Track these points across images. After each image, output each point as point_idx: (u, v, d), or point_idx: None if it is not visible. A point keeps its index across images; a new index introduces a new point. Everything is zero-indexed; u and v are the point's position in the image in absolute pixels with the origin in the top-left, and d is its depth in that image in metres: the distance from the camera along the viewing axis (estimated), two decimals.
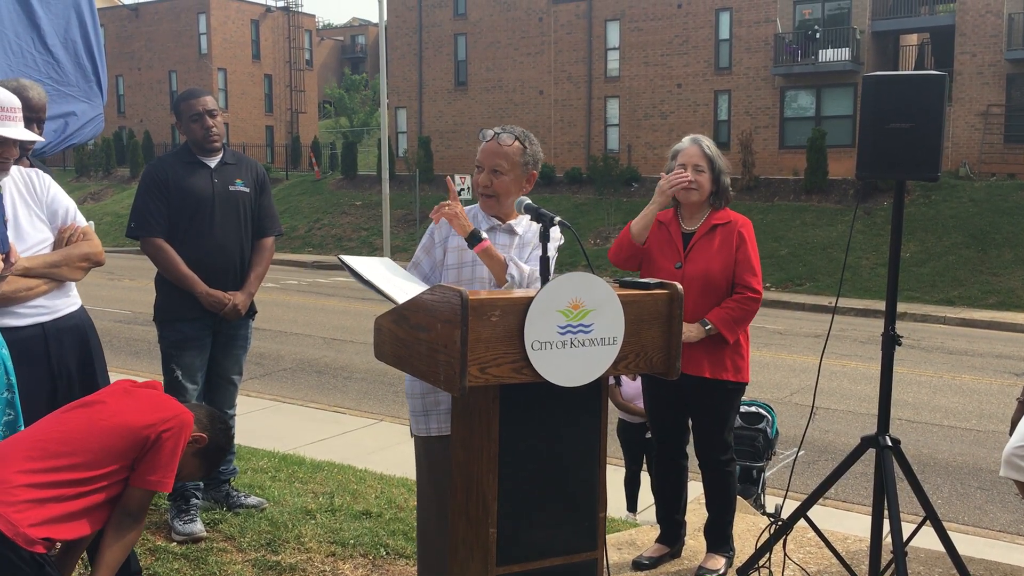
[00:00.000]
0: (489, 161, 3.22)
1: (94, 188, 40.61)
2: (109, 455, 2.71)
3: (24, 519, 2.54)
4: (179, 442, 2.83)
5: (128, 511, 2.80)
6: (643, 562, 4.09)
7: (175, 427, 2.82)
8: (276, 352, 12.13)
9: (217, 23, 44.09)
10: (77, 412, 2.82)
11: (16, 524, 2.52)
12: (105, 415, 2.79)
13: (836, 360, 12.29)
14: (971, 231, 22.13)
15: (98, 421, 2.76)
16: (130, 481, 2.78)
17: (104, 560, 2.78)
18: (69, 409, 2.86)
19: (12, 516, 2.52)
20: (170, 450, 2.79)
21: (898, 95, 3.55)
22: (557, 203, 28.16)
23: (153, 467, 2.77)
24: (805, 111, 29.03)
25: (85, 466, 2.68)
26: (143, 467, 2.77)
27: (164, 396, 2.97)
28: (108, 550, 2.78)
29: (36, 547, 2.56)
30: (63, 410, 2.88)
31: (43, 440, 2.70)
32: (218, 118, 4.46)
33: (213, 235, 4.39)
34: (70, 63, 4.99)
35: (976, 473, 7.76)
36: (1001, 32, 25.78)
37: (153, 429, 2.77)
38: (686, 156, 3.96)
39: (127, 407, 2.83)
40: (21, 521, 2.53)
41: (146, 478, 2.78)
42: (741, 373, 3.95)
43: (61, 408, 2.91)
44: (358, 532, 4.44)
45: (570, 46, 32.83)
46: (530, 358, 2.53)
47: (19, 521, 2.53)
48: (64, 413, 2.84)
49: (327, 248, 29.75)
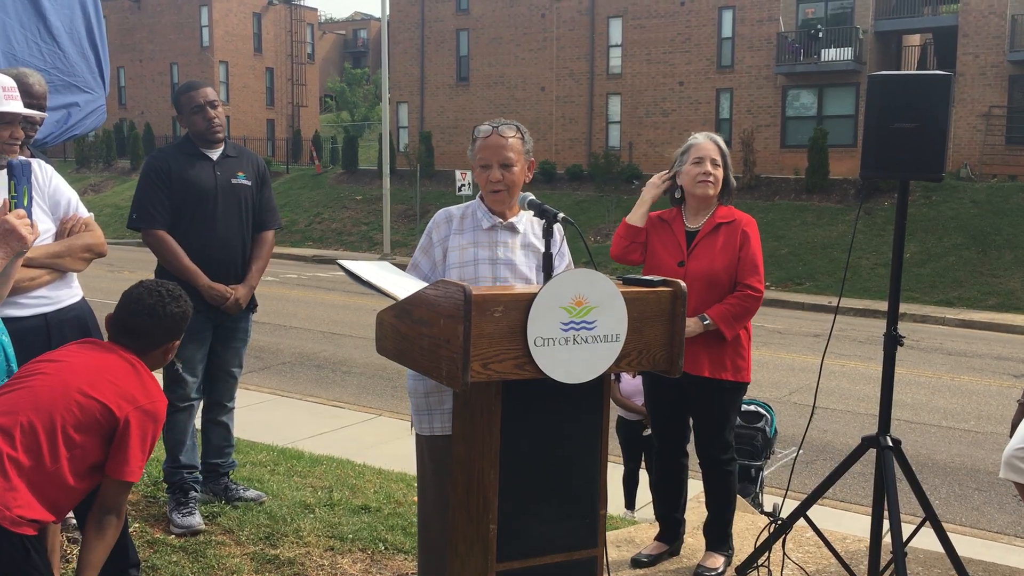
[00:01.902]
0: (497, 156, 3.20)
1: (94, 180, 40.56)
2: (81, 427, 2.60)
3: (10, 500, 2.49)
4: (153, 431, 2.73)
5: (106, 508, 2.73)
6: (642, 560, 4.09)
7: (150, 413, 2.71)
8: (275, 346, 12.12)
9: (219, 16, 44.02)
10: (40, 380, 2.65)
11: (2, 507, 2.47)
12: (72, 383, 2.63)
13: (835, 360, 12.29)
14: (971, 232, 22.12)
15: (65, 394, 2.61)
16: (105, 470, 2.68)
17: (88, 561, 2.72)
18: (31, 375, 2.68)
19: None
20: (141, 438, 2.68)
21: (903, 95, 3.54)
22: (558, 200, 28.13)
23: (126, 457, 2.66)
24: (807, 110, 29.01)
25: (62, 441, 2.57)
26: (116, 457, 2.66)
27: (131, 369, 2.78)
28: (91, 551, 2.72)
29: (24, 528, 2.51)
30: (24, 377, 2.70)
31: (12, 413, 2.57)
32: (219, 109, 4.45)
33: (215, 228, 4.39)
34: (74, 53, 4.98)
35: (974, 474, 7.76)
36: (1004, 33, 25.75)
37: (123, 411, 2.65)
38: (703, 150, 3.96)
39: (95, 376, 2.67)
40: (9, 502, 2.48)
41: (121, 469, 2.67)
42: (742, 373, 3.95)
43: (20, 374, 2.74)
44: (357, 526, 4.44)
45: (572, 42, 32.78)
46: (533, 354, 2.53)
47: (8, 502, 2.48)
48: (28, 380, 2.67)
49: (327, 242, 29.73)
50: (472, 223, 3.29)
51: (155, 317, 2.82)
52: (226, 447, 4.71)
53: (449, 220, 3.33)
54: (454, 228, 3.30)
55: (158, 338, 2.85)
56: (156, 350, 2.88)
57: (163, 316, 2.83)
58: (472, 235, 3.27)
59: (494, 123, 3.25)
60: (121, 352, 2.79)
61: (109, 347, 2.83)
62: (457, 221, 3.31)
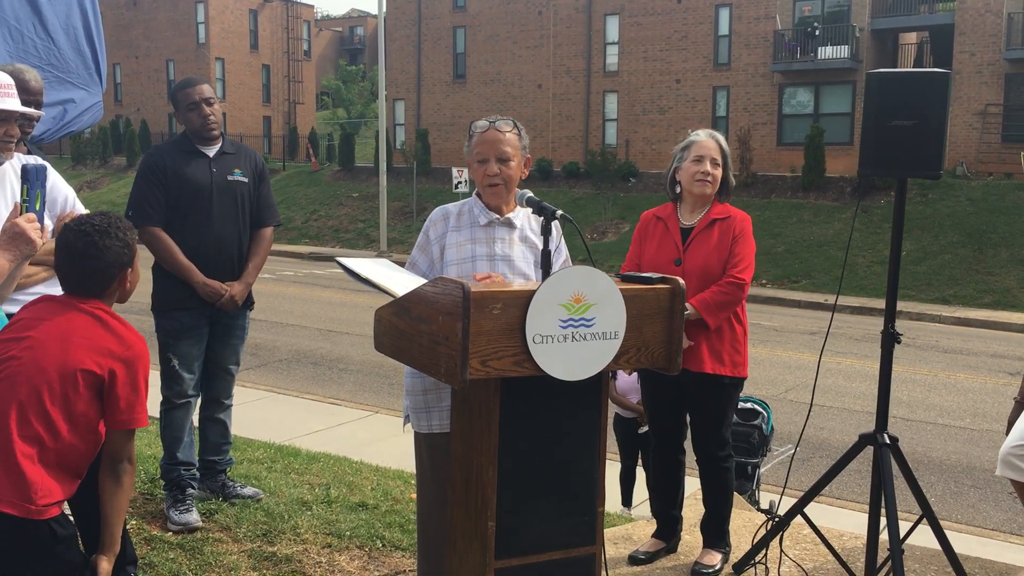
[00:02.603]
0: (494, 150, 3.20)
1: (90, 176, 40.48)
2: (71, 400, 2.57)
3: (31, 494, 2.49)
4: (142, 372, 2.66)
5: (116, 459, 2.69)
6: (639, 557, 4.09)
7: (130, 359, 2.64)
8: (272, 343, 12.11)
9: (215, 12, 43.93)
10: (14, 368, 2.57)
11: (23, 500, 2.48)
12: (45, 362, 2.57)
13: (831, 357, 12.31)
14: (968, 230, 22.15)
15: (44, 374, 2.56)
16: (107, 425, 2.64)
17: (112, 508, 2.69)
18: (3, 363, 2.60)
19: (16, 494, 2.48)
20: (131, 385, 2.63)
21: (901, 93, 3.54)
22: (554, 197, 28.11)
23: (121, 407, 2.62)
24: (803, 108, 29.02)
25: (60, 418, 2.55)
26: (112, 410, 2.63)
27: (95, 322, 2.67)
28: (112, 499, 2.69)
29: (50, 512, 2.52)
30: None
31: (2, 411, 2.55)
32: (215, 106, 4.44)
33: (211, 225, 4.38)
34: (71, 50, 4.96)
35: (970, 472, 7.78)
36: (1000, 31, 25.78)
37: (103, 367, 2.59)
38: (704, 148, 3.95)
39: (64, 344, 2.60)
40: (31, 496, 2.49)
41: (119, 420, 2.63)
42: (739, 368, 3.95)
43: None
44: (354, 524, 4.44)
45: (569, 40, 32.76)
46: (531, 351, 2.53)
47: (30, 496, 2.49)
48: (3, 370, 2.59)
49: (324, 239, 29.70)
50: (469, 220, 3.29)
51: (91, 259, 2.68)
52: (223, 444, 4.70)
53: (446, 217, 3.32)
54: (451, 225, 3.30)
55: (107, 276, 2.71)
56: (111, 287, 2.74)
57: (99, 256, 2.69)
58: (469, 232, 3.26)
59: (491, 119, 3.26)
60: (79, 305, 2.68)
61: (68, 303, 2.71)
62: (454, 218, 3.31)
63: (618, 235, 25.47)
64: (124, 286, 2.78)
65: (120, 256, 2.73)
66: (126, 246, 2.76)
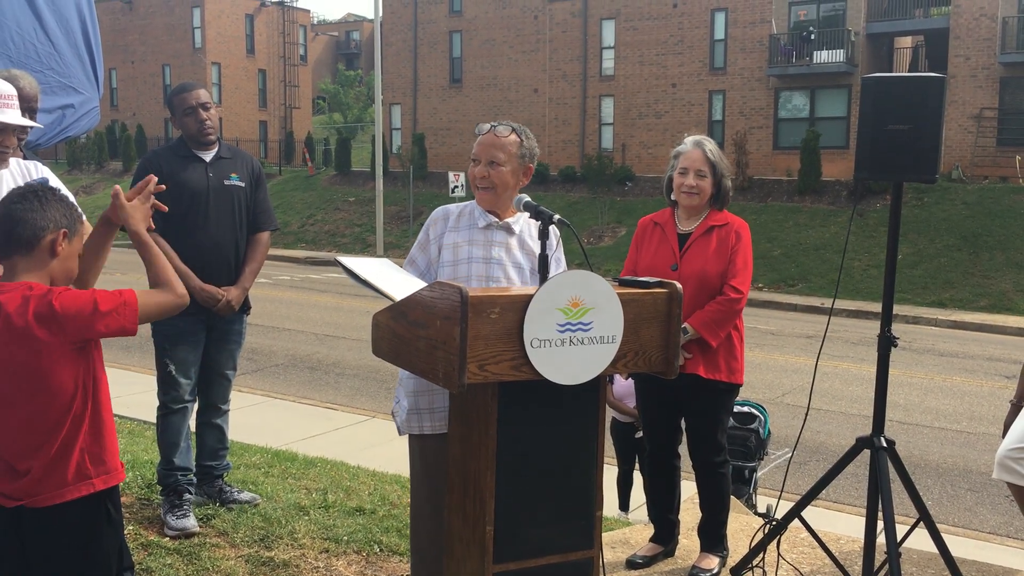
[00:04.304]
0: (486, 153, 3.20)
1: (86, 181, 40.43)
2: (53, 384, 2.46)
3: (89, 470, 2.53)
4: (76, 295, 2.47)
5: None
6: (637, 561, 4.09)
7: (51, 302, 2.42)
8: (268, 348, 12.10)
9: (211, 17, 43.94)
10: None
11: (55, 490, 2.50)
12: (8, 370, 2.45)
13: (827, 361, 12.32)
14: (963, 234, 22.20)
15: (14, 385, 2.45)
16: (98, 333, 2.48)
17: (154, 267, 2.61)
18: None
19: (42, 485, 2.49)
20: (84, 314, 2.43)
21: (897, 97, 3.55)
22: (551, 201, 28.14)
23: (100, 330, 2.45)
24: (799, 112, 29.09)
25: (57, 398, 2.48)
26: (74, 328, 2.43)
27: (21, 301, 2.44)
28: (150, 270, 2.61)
29: (117, 477, 2.59)
30: None
31: None
32: (212, 111, 4.44)
33: (207, 229, 4.37)
34: (71, 54, 4.96)
35: (966, 475, 7.79)
36: (995, 35, 25.86)
37: (54, 334, 2.42)
38: (688, 160, 3.95)
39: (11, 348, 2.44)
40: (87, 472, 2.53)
41: (105, 331, 2.46)
42: (735, 375, 3.95)
43: None
44: (351, 528, 4.43)
45: (565, 44, 32.81)
46: (529, 356, 2.53)
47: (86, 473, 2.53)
48: None
49: (320, 244, 29.69)
50: (468, 221, 3.29)
51: (27, 211, 2.49)
52: (220, 449, 4.69)
53: (446, 217, 3.33)
54: (450, 225, 3.30)
55: (24, 242, 2.49)
56: (35, 253, 2.50)
57: (33, 210, 2.50)
58: (468, 233, 3.26)
59: (495, 123, 3.26)
60: (7, 289, 2.47)
61: None
62: (454, 219, 3.31)
63: (614, 239, 25.49)
64: (55, 249, 2.52)
65: (56, 217, 2.52)
66: (67, 212, 2.57)
